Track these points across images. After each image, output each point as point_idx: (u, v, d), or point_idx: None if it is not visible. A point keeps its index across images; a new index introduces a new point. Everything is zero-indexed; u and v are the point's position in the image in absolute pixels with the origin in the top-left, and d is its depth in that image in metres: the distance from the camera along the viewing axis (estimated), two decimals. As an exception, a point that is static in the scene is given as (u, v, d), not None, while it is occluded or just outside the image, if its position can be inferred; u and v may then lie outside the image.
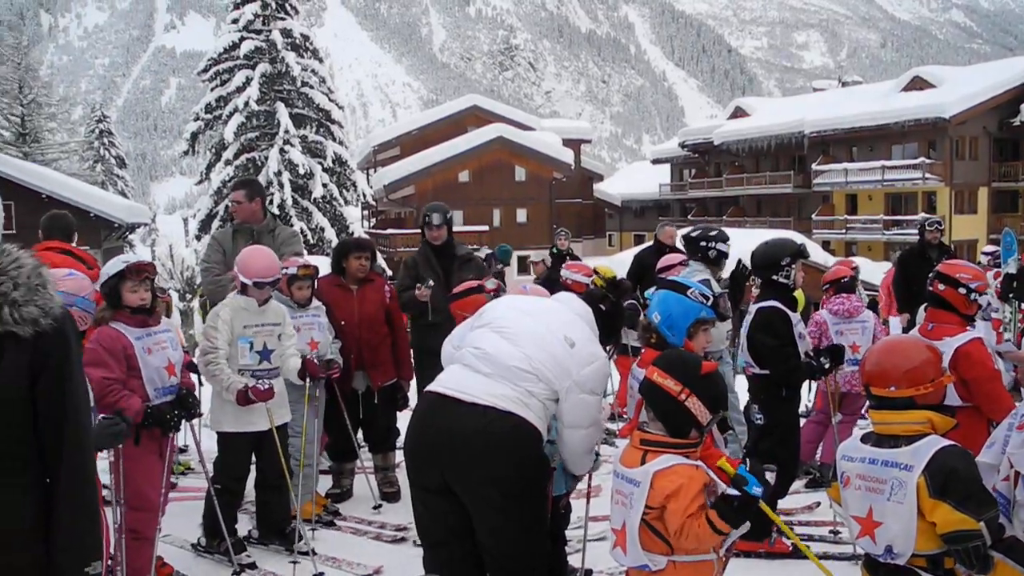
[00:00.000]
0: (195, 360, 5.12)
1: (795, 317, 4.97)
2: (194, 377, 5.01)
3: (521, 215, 45.66)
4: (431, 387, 3.49)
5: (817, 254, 24.29)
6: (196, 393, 4.68)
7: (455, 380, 3.42)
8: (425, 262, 6.29)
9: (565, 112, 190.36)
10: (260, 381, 4.79)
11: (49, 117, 46.87)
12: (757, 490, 2.74)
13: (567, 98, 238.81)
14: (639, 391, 3.14)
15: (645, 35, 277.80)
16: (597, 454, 3.74)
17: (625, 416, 7.32)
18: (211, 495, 4.91)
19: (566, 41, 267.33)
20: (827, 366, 4.97)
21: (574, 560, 4.47)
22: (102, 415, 3.60)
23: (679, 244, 7.66)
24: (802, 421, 5.92)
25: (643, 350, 3.87)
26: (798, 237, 13.84)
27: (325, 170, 30.29)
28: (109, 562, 3.55)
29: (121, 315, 4.22)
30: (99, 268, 6.34)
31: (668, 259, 6.97)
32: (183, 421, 4.40)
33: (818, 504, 5.93)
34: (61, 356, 2.22)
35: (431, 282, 5.97)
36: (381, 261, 18.27)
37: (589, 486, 4.52)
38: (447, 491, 3.31)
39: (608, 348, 4.11)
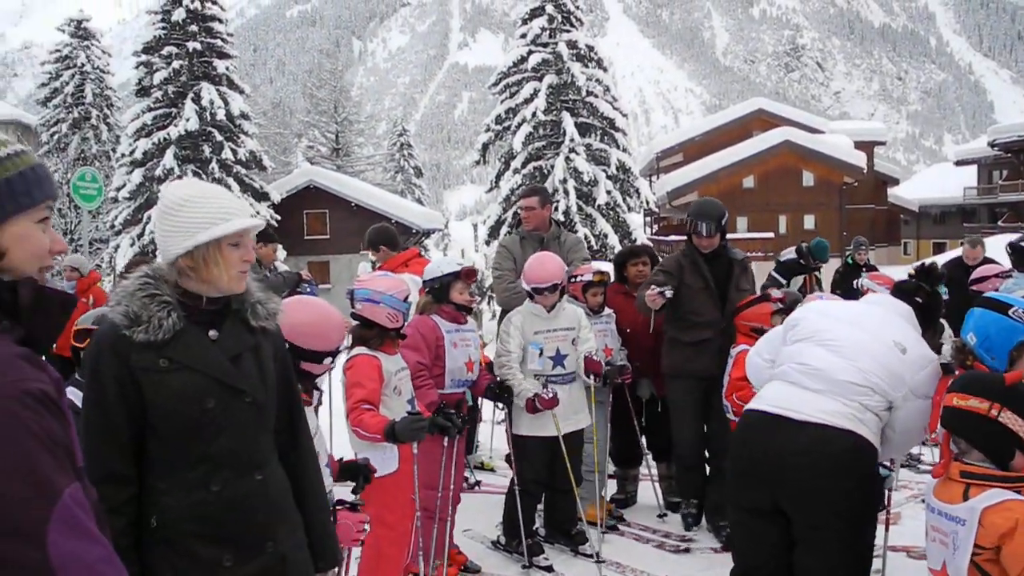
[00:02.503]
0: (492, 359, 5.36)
1: None
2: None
3: (808, 222, 43.66)
4: (753, 405, 3.37)
5: None
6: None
7: (781, 398, 3.25)
8: (692, 268, 5.52)
9: (856, 113, 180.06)
10: (547, 389, 4.91)
11: (358, 133, 51.29)
12: None
13: (858, 98, 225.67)
14: (941, 424, 2.81)
15: (948, 25, 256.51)
16: (893, 475, 3.49)
17: (935, 442, 6.75)
18: (512, 495, 5.11)
19: (857, 37, 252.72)
20: None
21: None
22: (407, 411, 3.81)
23: (1005, 253, 6.92)
24: None
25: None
26: None
27: (609, 177, 30.66)
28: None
29: (442, 309, 4.68)
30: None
31: (984, 270, 6.36)
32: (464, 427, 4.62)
33: None
34: (284, 347, 2.44)
35: (670, 290, 5.27)
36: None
37: (888, 512, 4.23)
38: (775, 513, 3.19)
39: None
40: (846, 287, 8.51)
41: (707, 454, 5.78)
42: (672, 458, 6.08)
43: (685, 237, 5.68)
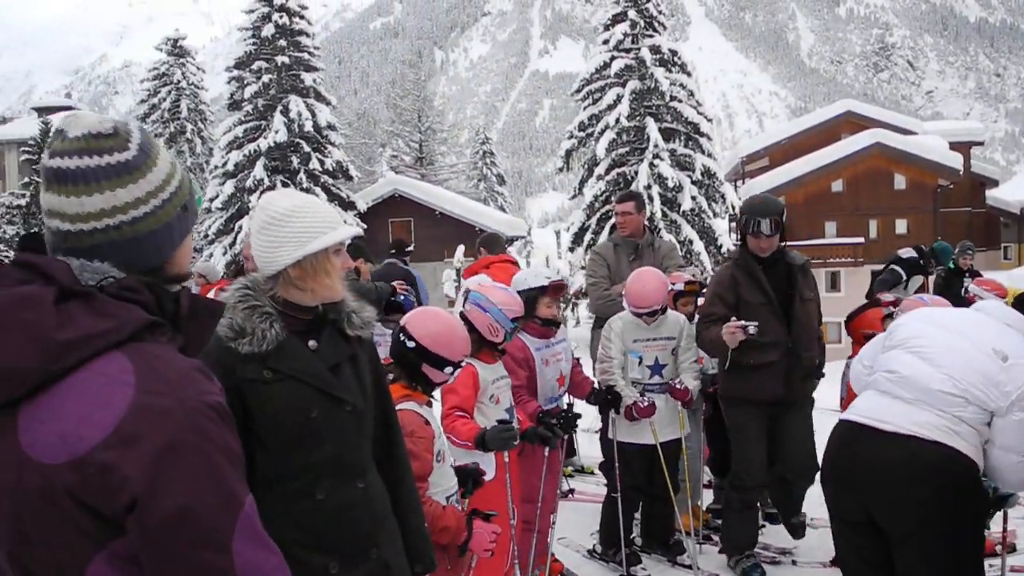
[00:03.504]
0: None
1: None
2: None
3: (900, 226, 42.38)
4: (845, 415, 3.30)
5: None
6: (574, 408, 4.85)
7: (871, 408, 3.19)
8: (749, 281, 4.81)
9: (950, 113, 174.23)
10: (644, 397, 4.86)
11: (441, 142, 51.80)
12: None
13: (952, 97, 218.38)
14: None
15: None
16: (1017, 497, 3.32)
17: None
18: (609, 503, 5.07)
19: (951, 34, 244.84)
20: None
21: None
22: (497, 419, 3.80)
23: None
24: None
25: None
26: None
27: (694, 183, 30.30)
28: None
29: (529, 325, 4.53)
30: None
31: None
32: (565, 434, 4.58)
33: None
34: (377, 354, 2.44)
35: (754, 327, 4.58)
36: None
37: (1004, 530, 4.06)
38: (868, 524, 3.12)
39: None
40: (952, 294, 8.17)
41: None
42: (728, 487, 5.33)
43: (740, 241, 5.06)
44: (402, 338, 3.09)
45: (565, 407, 4.74)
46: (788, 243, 4.99)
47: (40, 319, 1.22)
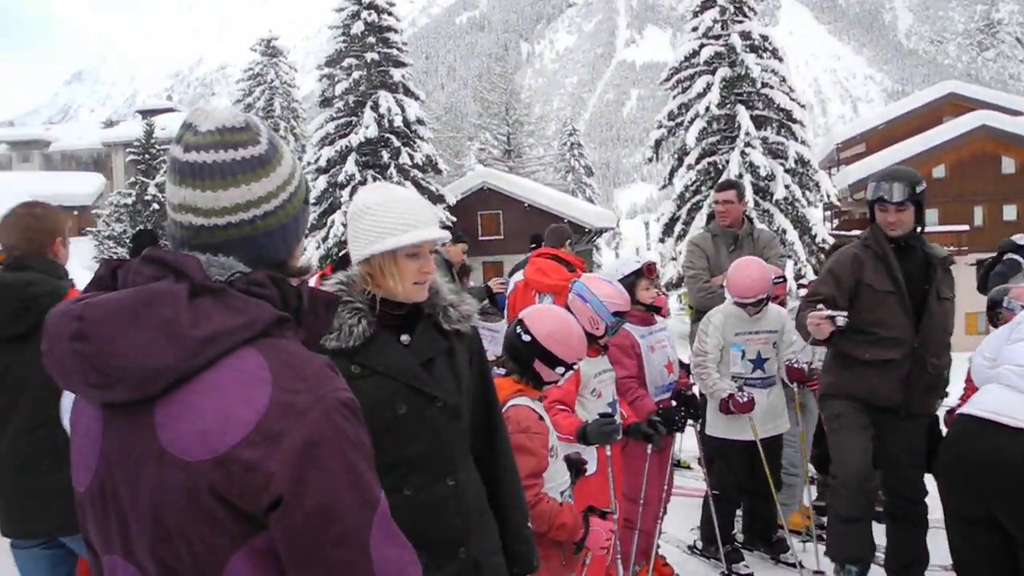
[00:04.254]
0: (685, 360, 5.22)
1: None
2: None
3: (1009, 212, 40.56)
4: (966, 409, 3.17)
5: None
6: (695, 393, 4.74)
7: (994, 402, 3.05)
8: (877, 263, 4.19)
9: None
10: (742, 392, 4.73)
11: (529, 134, 51.91)
12: None
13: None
14: None
15: None
16: None
17: None
18: (709, 500, 4.97)
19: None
20: None
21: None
22: (599, 413, 3.74)
23: None
24: None
25: None
26: None
27: (787, 171, 29.65)
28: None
29: (631, 313, 4.40)
30: (582, 270, 6.83)
31: None
32: (685, 425, 4.50)
33: None
34: (481, 348, 2.38)
35: (844, 319, 4.03)
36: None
37: None
38: (991, 522, 2.99)
39: None
40: None
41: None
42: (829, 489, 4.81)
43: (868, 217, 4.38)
44: (519, 331, 3.07)
45: (678, 402, 4.61)
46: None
47: (176, 316, 1.22)
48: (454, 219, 32.45)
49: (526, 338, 3.03)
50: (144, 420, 1.24)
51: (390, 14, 33.45)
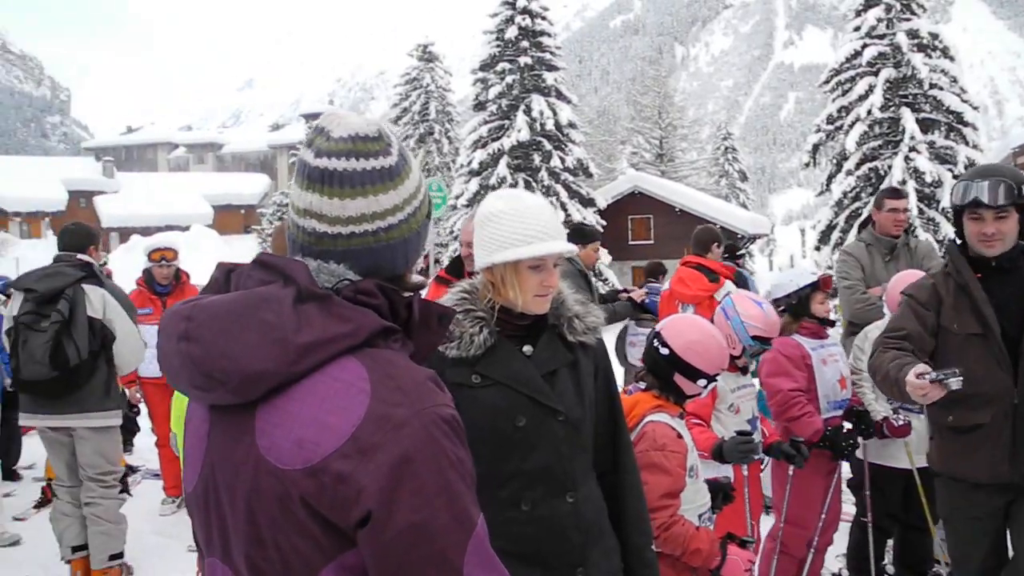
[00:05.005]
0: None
1: None
2: None
3: None
4: None
5: None
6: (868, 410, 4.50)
7: None
8: (958, 297, 3.26)
9: None
10: (898, 415, 4.45)
11: (682, 138, 51.16)
12: None
13: None
14: None
15: None
16: None
17: None
18: (860, 527, 4.71)
19: None
20: None
21: None
22: (736, 431, 3.56)
23: None
24: None
25: None
26: None
27: (955, 177, 28.00)
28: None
29: (803, 325, 4.34)
30: (727, 279, 6.61)
31: None
32: (855, 447, 4.28)
33: None
34: (607, 361, 2.30)
35: (958, 382, 2.91)
36: None
37: None
38: None
39: None
40: None
41: None
42: None
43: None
44: (656, 344, 2.97)
45: (850, 420, 4.38)
46: None
47: (281, 321, 1.20)
48: (604, 222, 32.38)
49: (664, 351, 2.93)
50: (246, 425, 1.24)
51: (544, 18, 33.66)
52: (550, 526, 2.09)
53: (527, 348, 2.15)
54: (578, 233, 6.86)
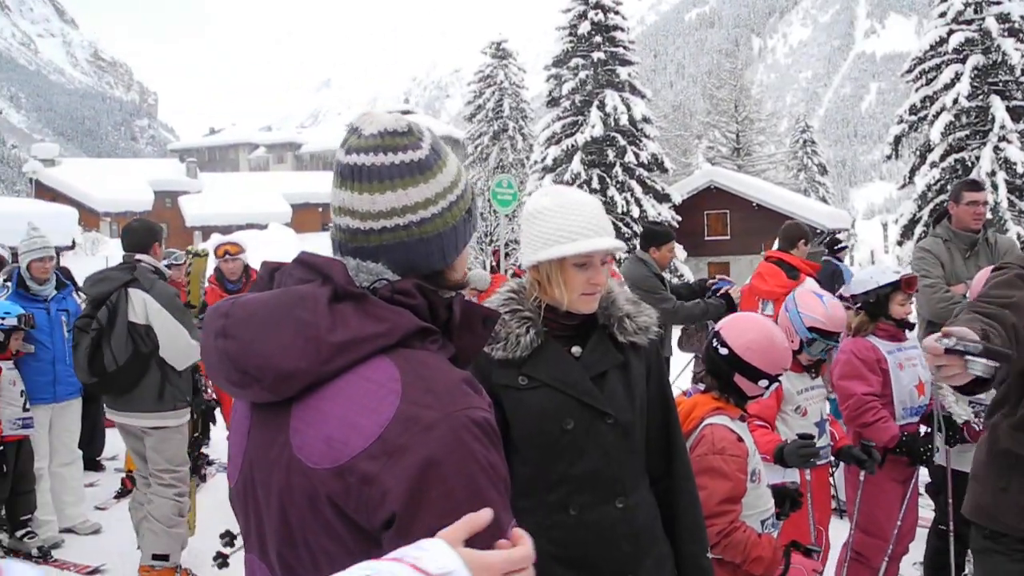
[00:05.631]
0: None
1: None
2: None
3: None
4: None
5: None
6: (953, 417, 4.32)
7: None
8: None
9: None
10: (979, 420, 4.25)
11: (759, 131, 50.35)
12: None
13: None
14: None
15: None
16: None
17: None
18: (939, 535, 4.53)
19: None
20: None
21: None
22: (798, 434, 3.41)
23: None
24: None
25: None
26: None
27: (1048, 167, 26.94)
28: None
29: (880, 327, 4.14)
30: (808, 275, 6.45)
31: None
32: (932, 456, 4.11)
33: None
34: (660, 363, 2.23)
35: (982, 363, 2.18)
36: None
37: None
38: None
39: None
40: None
41: None
42: None
43: None
44: (715, 344, 2.89)
45: (930, 425, 4.15)
46: None
47: (315, 320, 1.20)
48: (680, 218, 32.03)
49: (723, 351, 2.84)
50: (282, 422, 1.24)
51: (617, 13, 33.46)
52: (599, 532, 2.04)
53: (576, 349, 2.10)
54: (650, 235, 6.75)
